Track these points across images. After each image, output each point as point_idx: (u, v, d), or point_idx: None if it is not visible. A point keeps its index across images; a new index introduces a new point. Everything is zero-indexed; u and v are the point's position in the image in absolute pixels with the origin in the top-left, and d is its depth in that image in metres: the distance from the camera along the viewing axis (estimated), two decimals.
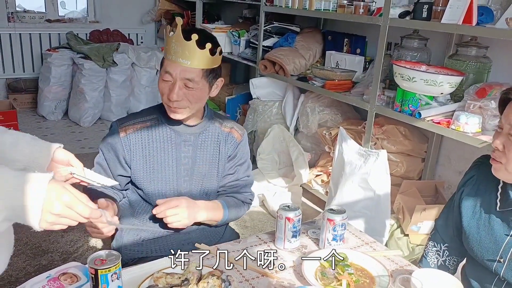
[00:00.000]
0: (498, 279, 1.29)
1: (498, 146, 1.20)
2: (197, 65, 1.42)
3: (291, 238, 1.41)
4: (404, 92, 2.57)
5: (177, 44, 1.39)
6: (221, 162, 1.64)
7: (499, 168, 1.23)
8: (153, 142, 1.55)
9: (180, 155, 1.57)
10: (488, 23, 2.34)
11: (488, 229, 1.30)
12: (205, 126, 1.61)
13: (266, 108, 3.80)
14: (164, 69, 1.45)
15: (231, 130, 1.67)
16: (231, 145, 1.66)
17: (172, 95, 1.43)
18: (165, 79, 1.45)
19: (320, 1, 3.16)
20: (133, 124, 1.55)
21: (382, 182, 2.51)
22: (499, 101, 1.28)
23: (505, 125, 1.21)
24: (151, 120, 1.57)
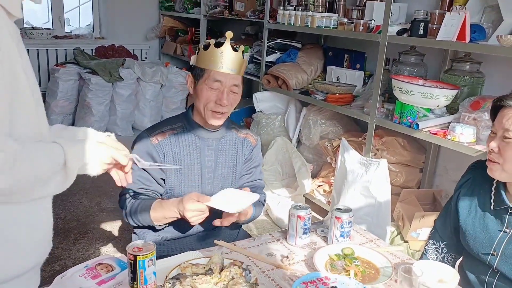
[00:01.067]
0: (492, 270, 1.41)
1: (494, 148, 1.34)
2: (241, 72, 1.65)
3: (302, 235, 1.53)
4: (403, 105, 2.71)
5: (225, 55, 1.58)
6: (238, 165, 1.80)
7: (496, 169, 1.35)
8: (181, 147, 1.70)
9: (204, 158, 1.73)
10: (480, 40, 2.49)
11: (483, 226, 1.43)
12: (224, 132, 1.78)
13: (269, 121, 3.94)
14: (212, 79, 1.61)
15: (247, 135, 1.85)
16: (247, 149, 1.83)
17: (223, 101, 1.62)
18: (214, 87, 1.62)
19: (322, 19, 3.32)
20: (162, 132, 1.70)
21: (382, 190, 2.63)
22: (491, 109, 1.43)
23: (498, 129, 1.34)
24: (177, 127, 1.73)
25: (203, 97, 1.64)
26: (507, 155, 1.31)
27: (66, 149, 1.03)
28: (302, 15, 3.45)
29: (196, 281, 1.21)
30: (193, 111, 1.74)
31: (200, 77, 1.64)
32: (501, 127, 1.33)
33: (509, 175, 1.34)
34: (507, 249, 1.37)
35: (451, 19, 2.47)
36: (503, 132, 1.32)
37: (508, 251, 1.37)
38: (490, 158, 1.37)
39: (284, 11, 3.63)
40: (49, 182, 1.00)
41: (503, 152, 1.32)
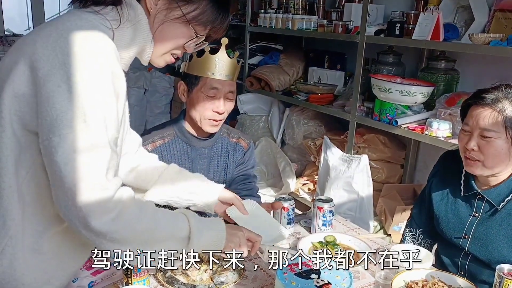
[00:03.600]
0: (464, 253, 1.51)
1: (474, 147, 1.39)
2: (235, 78, 1.64)
3: (286, 225, 1.60)
4: (382, 103, 2.80)
5: (221, 62, 1.56)
6: (229, 171, 1.80)
7: (477, 166, 1.41)
8: (172, 157, 1.69)
9: (196, 167, 1.71)
10: (454, 39, 2.60)
11: (454, 212, 1.52)
12: (216, 138, 1.76)
13: (253, 122, 4.00)
14: (208, 86, 1.60)
15: (238, 140, 1.83)
16: (239, 154, 1.81)
17: (221, 108, 1.61)
18: (211, 95, 1.60)
19: (302, 21, 3.41)
20: (153, 142, 1.68)
21: (364, 185, 2.72)
22: (461, 109, 1.49)
23: (474, 128, 1.39)
24: (168, 136, 1.71)
25: (199, 105, 1.62)
26: (488, 152, 1.37)
27: (192, 225, 1.11)
28: (283, 18, 3.53)
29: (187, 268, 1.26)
30: (185, 118, 1.72)
31: (195, 85, 1.62)
32: (477, 127, 1.38)
33: (490, 170, 1.41)
34: (477, 232, 1.46)
35: (425, 19, 2.57)
36: (481, 132, 1.37)
37: (477, 233, 1.46)
38: (469, 157, 1.42)
39: (265, 14, 3.70)
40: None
41: (484, 151, 1.38)
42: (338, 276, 1.14)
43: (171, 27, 1.06)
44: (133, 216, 1.01)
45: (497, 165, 1.39)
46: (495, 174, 1.42)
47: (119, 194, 0.98)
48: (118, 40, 1.02)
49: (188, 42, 1.10)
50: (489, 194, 1.44)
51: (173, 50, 1.12)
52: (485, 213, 1.46)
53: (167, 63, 1.16)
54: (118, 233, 0.98)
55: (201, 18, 1.07)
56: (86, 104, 0.92)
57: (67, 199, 0.93)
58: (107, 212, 0.95)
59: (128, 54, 1.07)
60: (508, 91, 1.38)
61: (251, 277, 1.34)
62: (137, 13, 1.04)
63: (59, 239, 1.05)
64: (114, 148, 0.97)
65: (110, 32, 1.00)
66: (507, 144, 1.36)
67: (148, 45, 1.07)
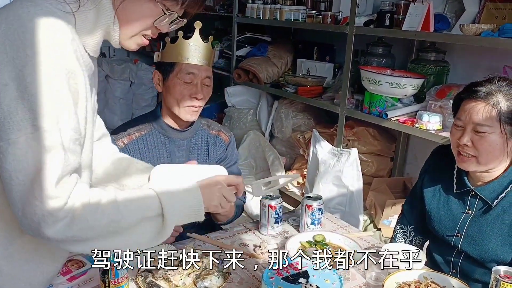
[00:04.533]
0: (457, 251, 1.46)
1: (467, 143, 1.34)
2: (211, 64, 1.59)
3: (274, 224, 1.55)
4: (372, 95, 2.75)
5: (196, 47, 1.52)
6: (211, 164, 1.70)
7: (470, 162, 1.36)
8: (149, 149, 1.63)
9: (174, 160, 1.65)
10: (444, 30, 2.55)
11: (446, 209, 1.48)
12: (195, 129, 1.70)
13: (242, 115, 3.94)
14: (184, 71, 1.55)
15: (219, 132, 1.76)
16: (219, 148, 1.75)
17: (198, 94, 1.56)
18: (187, 80, 1.56)
19: (290, 12, 3.34)
20: (129, 134, 1.62)
21: (354, 179, 2.67)
22: (453, 103, 1.44)
23: (467, 123, 1.34)
24: (145, 128, 1.65)
25: (176, 92, 1.56)
26: (482, 148, 1.33)
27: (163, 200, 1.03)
28: (271, 8, 3.46)
29: (169, 272, 1.21)
30: (162, 110, 1.66)
31: (170, 72, 1.57)
32: (470, 121, 1.33)
33: (484, 166, 1.36)
34: (470, 230, 1.42)
35: (415, 10, 2.52)
36: (475, 127, 1.33)
37: (471, 231, 1.41)
38: (462, 153, 1.37)
39: (252, 5, 3.63)
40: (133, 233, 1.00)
41: (478, 146, 1.33)
42: (327, 280, 1.09)
43: (136, 4, 0.97)
44: (90, 214, 0.93)
45: (491, 161, 1.34)
46: (488, 170, 1.38)
47: (72, 199, 0.91)
48: (80, 25, 0.94)
49: (158, 20, 1.00)
50: (482, 191, 1.40)
51: (143, 31, 1.03)
52: (478, 210, 1.42)
53: (139, 45, 1.06)
54: (77, 235, 0.92)
55: None
56: (36, 105, 0.84)
57: (17, 209, 0.87)
58: (58, 220, 0.89)
59: (93, 40, 0.98)
60: (501, 83, 1.33)
61: (236, 280, 1.28)
62: None
63: (33, 245, 0.99)
64: (73, 150, 0.91)
65: (70, 17, 0.92)
66: (502, 139, 1.31)
67: (112, 27, 0.98)
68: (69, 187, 0.91)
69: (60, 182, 0.88)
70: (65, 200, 0.89)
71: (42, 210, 0.87)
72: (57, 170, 0.87)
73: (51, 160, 0.86)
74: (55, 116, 0.86)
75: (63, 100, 0.88)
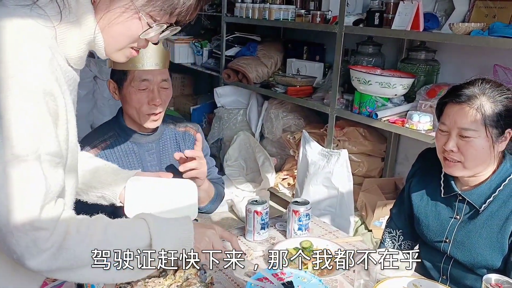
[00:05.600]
0: (446, 257, 1.43)
1: (453, 148, 1.30)
2: (166, 65, 1.50)
3: (260, 230, 1.50)
4: (362, 95, 2.72)
5: (146, 51, 1.42)
6: None
7: (457, 168, 1.33)
8: (118, 158, 1.54)
9: (146, 165, 1.58)
10: (434, 29, 2.53)
11: (434, 214, 1.44)
12: (162, 130, 1.63)
13: (231, 116, 3.89)
14: (138, 79, 1.46)
15: (186, 128, 1.70)
16: (190, 142, 1.68)
17: (156, 100, 1.47)
18: (142, 88, 1.47)
19: (279, 11, 3.30)
20: (94, 146, 1.53)
21: (344, 180, 2.64)
22: (436, 107, 1.40)
23: (452, 128, 1.31)
24: (110, 137, 1.56)
25: (133, 101, 1.48)
26: (468, 153, 1.29)
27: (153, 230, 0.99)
28: (260, 8, 3.42)
29: (149, 284, 1.16)
30: (124, 116, 1.58)
31: (124, 81, 1.48)
32: (455, 126, 1.30)
33: (470, 171, 1.33)
34: (458, 235, 1.38)
35: (405, 8, 2.49)
36: (460, 131, 1.29)
37: (459, 237, 1.38)
38: (448, 158, 1.33)
39: (241, 4, 3.58)
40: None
41: (464, 151, 1.30)
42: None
43: (120, 17, 0.92)
44: (77, 245, 0.89)
45: (478, 165, 1.31)
46: (476, 174, 1.35)
47: (58, 228, 0.87)
48: (62, 39, 0.89)
49: (144, 33, 0.95)
50: (470, 196, 1.36)
51: (131, 44, 0.98)
52: (466, 215, 1.39)
53: (128, 58, 1.02)
54: (63, 265, 0.88)
55: (154, 4, 0.92)
56: (11, 131, 0.79)
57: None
58: (43, 251, 0.84)
59: (77, 53, 0.93)
60: (484, 86, 1.29)
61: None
62: (79, 3, 0.90)
63: (11, 266, 0.94)
64: (54, 176, 0.86)
65: (51, 31, 0.87)
66: (488, 143, 1.28)
67: (95, 40, 0.93)
68: (54, 216, 0.86)
69: (43, 211, 0.84)
70: (50, 231, 0.85)
71: (26, 241, 0.82)
72: (39, 199, 0.83)
73: (31, 189, 0.82)
74: (34, 142, 0.82)
75: (42, 124, 0.83)
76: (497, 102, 1.27)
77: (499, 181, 1.34)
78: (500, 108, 1.27)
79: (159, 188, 1.21)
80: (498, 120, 1.27)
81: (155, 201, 1.20)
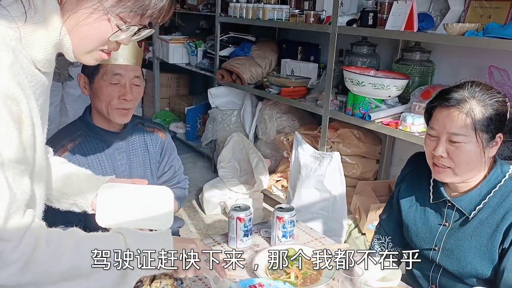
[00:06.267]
0: (435, 265, 1.38)
1: (442, 154, 1.26)
2: (139, 63, 1.51)
3: (243, 237, 1.46)
4: (355, 97, 2.68)
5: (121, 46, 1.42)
6: (152, 162, 1.66)
7: (447, 174, 1.29)
8: (88, 158, 1.52)
9: (116, 164, 1.57)
10: (428, 29, 2.48)
11: (423, 220, 1.40)
12: (131, 130, 1.62)
13: (225, 116, 3.85)
14: (110, 73, 1.47)
15: (154, 130, 1.70)
16: (158, 144, 1.68)
17: (127, 95, 1.48)
18: (114, 82, 1.47)
19: (273, 11, 3.26)
20: (62, 146, 1.50)
21: (337, 183, 2.59)
22: (425, 111, 1.35)
23: (441, 133, 1.26)
24: (78, 137, 1.54)
25: (104, 95, 1.48)
26: (459, 159, 1.25)
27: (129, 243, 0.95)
28: (254, 8, 3.38)
29: None
30: (91, 114, 1.56)
31: (96, 74, 1.48)
32: (444, 131, 1.26)
33: (460, 177, 1.29)
34: (448, 243, 1.34)
35: (399, 8, 2.44)
36: (449, 136, 1.25)
37: (448, 245, 1.33)
38: (438, 164, 1.29)
39: (235, 4, 3.54)
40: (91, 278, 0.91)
41: (453, 157, 1.26)
42: None
43: (87, 19, 0.88)
44: (47, 259, 0.85)
45: (469, 171, 1.27)
46: (466, 180, 1.30)
47: (26, 240, 0.82)
48: (28, 41, 0.85)
49: (114, 35, 0.91)
50: (459, 202, 1.32)
51: (101, 46, 0.95)
52: (455, 222, 1.34)
53: (98, 61, 0.98)
54: (31, 281, 0.84)
55: (124, 5, 0.88)
56: None
57: None
58: (10, 264, 0.80)
59: (44, 55, 0.89)
60: (474, 89, 1.25)
61: None
62: (45, 3, 0.86)
63: None
64: (19, 184, 0.82)
65: (14, 32, 0.83)
66: (478, 148, 1.23)
67: (62, 42, 0.89)
68: (21, 227, 0.82)
69: (9, 222, 0.80)
70: (16, 242, 0.81)
71: None
72: (2, 209, 0.79)
73: None
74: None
75: (4, 129, 0.79)
76: (487, 106, 1.23)
77: (490, 187, 1.29)
78: (491, 112, 1.23)
79: (133, 195, 1.17)
80: (489, 125, 1.23)
81: (128, 208, 1.16)
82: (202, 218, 3.39)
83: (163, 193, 1.18)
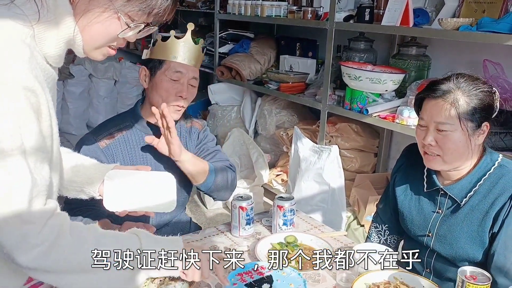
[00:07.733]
0: (429, 251, 1.45)
1: (431, 142, 1.33)
2: (198, 66, 1.60)
3: (245, 225, 1.52)
4: (353, 91, 2.73)
5: (186, 47, 1.53)
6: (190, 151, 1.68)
7: (436, 161, 1.35)
8: (132, 148, 1.60)
9: (157, 156, 1.60)
10: (424, 24, 2.53)
11: (418, 208, 1.46)
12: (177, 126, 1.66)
13: (225, 113, 3.90)
14: (172, 69, 1.54)
15: (192, 123, 1.77)
16: (194, 135, 1.74)
17: (184, 93, 1.55)
18: (174, 78, 1.55)
19: (271, 8, 3.30)
20: (110, 134, 1.59)
21: (335, 176, 2.65)
22: (415, 103, 1.42)
23: (429, 122, 1.33)
24: (125, 127, 1.62)
25: (163, 89, 1.55)
26: (446, 147, 1.31)
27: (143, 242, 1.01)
28: (252, 5, 3.42)
29: None
30: (143, 107, 1.64)
31: (158, 69, 1.56)
32: (432, 120, 1.32)
33: (449, 164, 1.35)
34: (441, 229, 1.40)
35: (395, 4, 2.49)
36: (437, 126, 1.31)
37: (441, 231, 1.39)
38: (427, 152, 1.36)
39: (234, 1, 3.59)
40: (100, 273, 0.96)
41: (441, 145, 1.32)
42: (291, 284, 1.07)
43: (99, 17, 0.94)
44: (69, 248, 0.91)
45: (457, 159, 1.33)
46: (456, 168, 1.36)
47: (49, 226, 0.88)
48: (41, 38, 0.91)
49: (122, 32, 0.97)
50: (451, 190, 1.38)
51: (109, 43, 1.00)
52: (448, 209, 1.40)
53: (105, 56, 1.04)
54: (52, 266, 0.89)
55: (133, 4, 0.94)
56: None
57: None
58: (34, 247, 0.86)
59: (55, 51, 0.94)
60: (459, 80, 1.31)
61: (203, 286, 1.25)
62: (57, 3, 0.91)
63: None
64: (40, 170, 0.87)
65: (29, 29, 0.88)
66: (464, 136, 1.30)
67: (74, 39, 0.95)
68: (44, 213, 0.88)
69: (32, 205, 0.85)
70: (40, 226, 0.86)
71: (15, 235, 0.84)
72: (26, 192, 0.84)
73: (18, 183, 0.83)
74: (18, 136, 0.83)
75: (25, 119, 0.84)
76: (472, 96, 1.29)
77: (480, 175, 1.35)
78: (476, 101, 1.29)
79: (138, 181, 1.24)
80: (473, 114, 1.29)
81: (133, 193, 1.23)
82: (204, 212, 3.44)
83: (166, 178, 1.25)
